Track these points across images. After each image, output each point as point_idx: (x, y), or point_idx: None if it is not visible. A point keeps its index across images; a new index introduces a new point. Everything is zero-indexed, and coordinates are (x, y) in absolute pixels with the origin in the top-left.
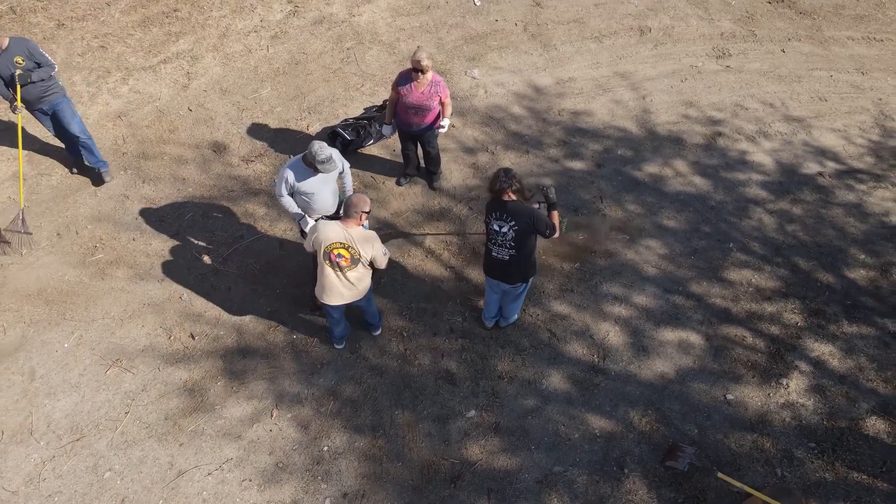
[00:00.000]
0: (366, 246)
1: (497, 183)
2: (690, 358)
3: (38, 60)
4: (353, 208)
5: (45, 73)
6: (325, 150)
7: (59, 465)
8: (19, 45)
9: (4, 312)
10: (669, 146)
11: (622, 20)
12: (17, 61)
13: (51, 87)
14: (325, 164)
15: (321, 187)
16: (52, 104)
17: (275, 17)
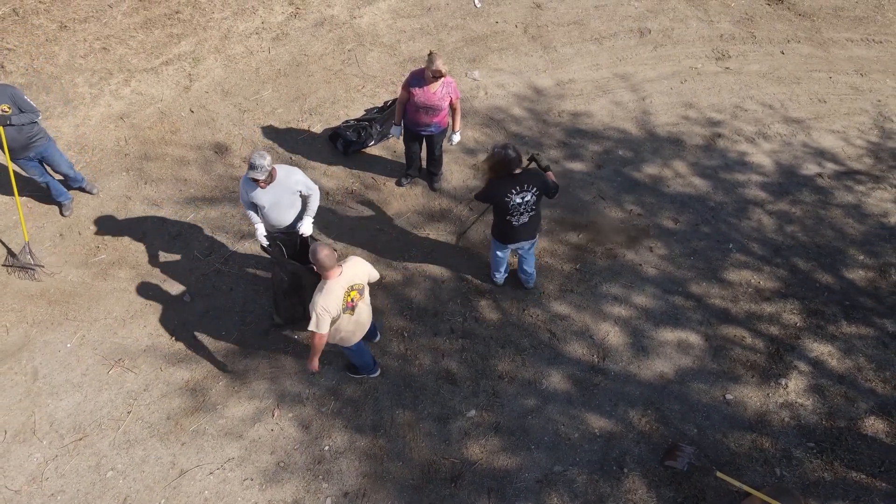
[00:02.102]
0: (362, 271)
1: (512, 164)
2: (690, 358)
3: (22, 107)
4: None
5: (26, 119)
6: (258, 159)
7: (62, 464)
8: (5, 93)
9: (7, 313)
10: (669, 147)
11: (622, 22)
12: (2, 108)
13: (37, 134)
14: (252, 171)
15: (272, 201)
16: (38, 151)
17: (276, 19)
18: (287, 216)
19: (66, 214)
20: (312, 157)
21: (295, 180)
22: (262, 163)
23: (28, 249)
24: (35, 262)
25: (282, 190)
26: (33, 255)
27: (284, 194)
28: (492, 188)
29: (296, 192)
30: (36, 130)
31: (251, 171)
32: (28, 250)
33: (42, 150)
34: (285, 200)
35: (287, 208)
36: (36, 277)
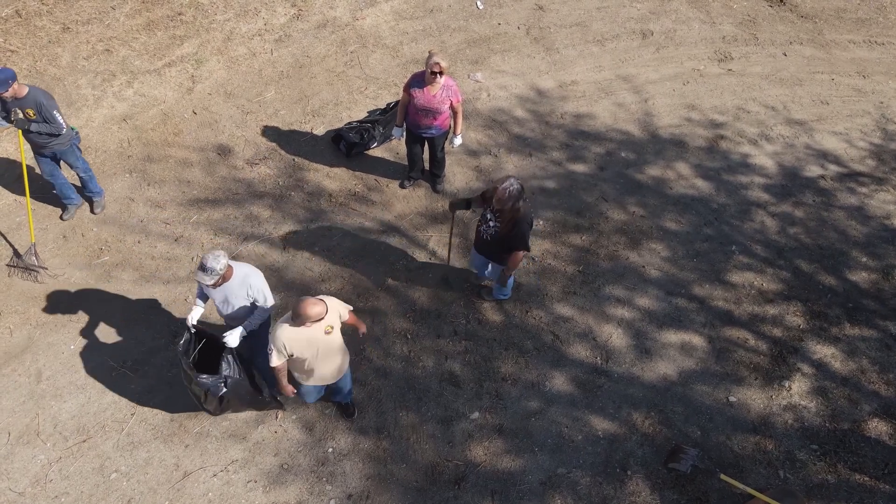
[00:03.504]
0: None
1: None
2: (693, 360)
3: (47, 119)
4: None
5: (45, 129)
6: (211, 261)
7: (66, 466)
8: (34, 98)
9: (11, 314)
10: (672, 149)
11: (624, 24)
12: (27, 112)
13: (56, 143)
14: (201, 272)
15: (222, 299)
16: (55, 152)
17: (278, 21)
18: (233, 312)
19: (65, 218)
20: (315, 158)
21: (250, 285)
22: (214, 266)
23: (33, 251)
24: (39, 263)
25: (234, 292)
26: (38, 257)
27: (236, 295)
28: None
29: (248, 297)
30: (54, 141)
31: (200, 272)
32: (33, 252)
33: (59, 152)
34: (234, 300)
35: (235, 306)
36: (39, 280)
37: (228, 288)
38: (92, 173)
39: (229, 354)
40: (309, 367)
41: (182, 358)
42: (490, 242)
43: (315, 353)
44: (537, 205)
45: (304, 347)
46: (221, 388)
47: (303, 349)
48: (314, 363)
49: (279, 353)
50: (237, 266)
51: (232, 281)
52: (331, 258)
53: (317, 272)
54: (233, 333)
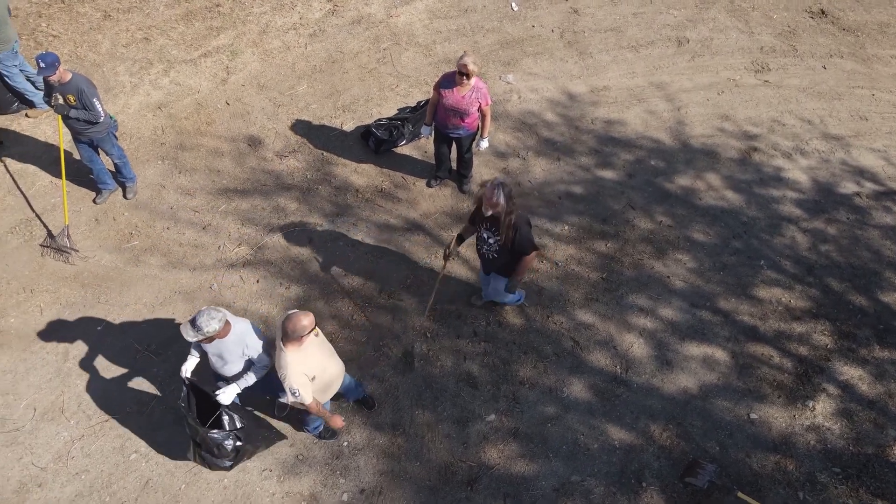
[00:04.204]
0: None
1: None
2: (715, 374)
3: (86, 106)
4: (302, 331)
5: (83, 116)
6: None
7: (88, 444)
8: (76, 85)
9: (42, 293)
10: (703, 159)
11: (660, 30)
12: (68, 98)
13: (93, 130)
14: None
15: (216, 352)
16: (92, 138)
17: (314, 16)
18: (227, 370)
19: (98, 202)
20: (344, 153)
21: (247, 344)
22: (204, 327)
23: (66, 233)
24: (71, 245)
25: (229, 349)
26: (70, 239)
27: (231, 353)
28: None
29: (244, 355)
30: (92, 128)
31: (188, 326)
32: (66, 233)
33: (96, 140)
34: (229, 357)
35: (229, 363)
36: (70, 261)
37: (223, 344)
38: (126, 160)
39: (226, 408)
40: (322, 381)
41: (188, 414)
42: (497, 259)
43: (325, 357)
44: (563, 209)
45: (316, 361)
46: (235, 441)
47: (315, 365)
48: (324, 373)
49: (304, 387)
50: (235, 322)
51: (228, 338)
52: (355, 253)
53: (340, 266)
54: (226, 391)
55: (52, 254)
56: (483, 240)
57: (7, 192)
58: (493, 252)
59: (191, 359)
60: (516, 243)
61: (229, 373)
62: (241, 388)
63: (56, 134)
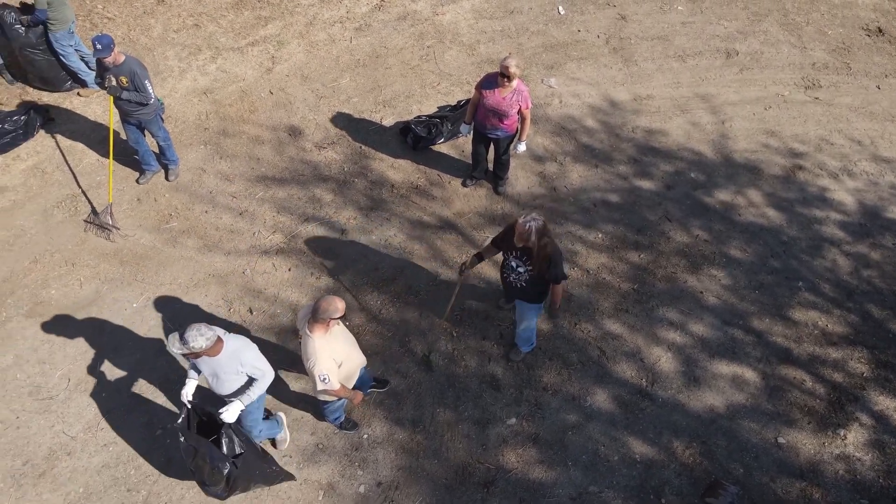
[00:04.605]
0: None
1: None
2: (744, 395)
3: (137, 87)
4: (321, 314)
5: (135, 97)
6: (191, 338)
7: (117, 417)
8: (129, 67)
9: (83, 267)
10: (745, 174)
11: (709, 41)
12: (121, 79)
13: (142, 112)
14: (178, 342)
15: (210, 372)
16: (139, 120)
17: (360, 10)
18: (225, 388)
19: (141, 182)
20: (381, 148)
21: (242, 361)
22: (190, 342)
23: (110, 210)
24: (113, 223)
25: (223, 367)
26: (113, 217)
27: (226, 371)
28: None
29: (240, 372)
30: (142, 110)
31: (176, 338)
32: (109, 211)
33: (144, 121)
34: (225, 376)
35: (225, 382)
36: (111, 238)
37: (217, 363)
38: (171, 142)
39: (229, 430)
40: (346, 369)
41: (185, 433)
42: (525, 288)
43: (349, 346)
44: (597, 217)
45: (342, 347)
46: (227, 466)
47: (341, 350)
48: (349, 361)
49: (333, 372)
50: (228, 340)
51: (220, 356)
52: (386, 248)
53: (371, 260)
54: (229, 409)
55: (94, 230)
56: (511, 268)
57: (56, 167)
58: (522, 281)
59: (190, 382)
60: (550, 276)
61: (225, 391)
62: (244, 405)
63: (106, 113)
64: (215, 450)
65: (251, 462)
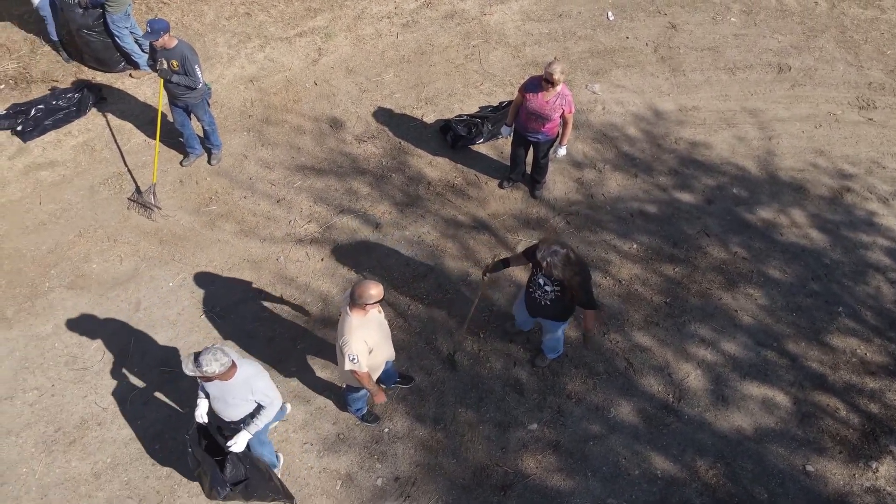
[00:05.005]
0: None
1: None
2: (773, 418)
3: (187, 71)
4: (368, 300)
5: (184, 81)
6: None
7: (146, 393)
8: (180, 51)
9: (124, 244)
10: (790, 193)
11: (761, 55)
12: (171, 63)
13: (190, 96)
14: (191, 363)
15: (217, 395)
16: (186, 104)
17: (409, 6)
18: (230, 413)
19: (184, 165)
20: (420, 145)
21: (254, 388)
22: (204, 366)
23: (153, 190)
24: (155, 202)
25: (234, 392)
26: (156, 197)
27: (235, 396)
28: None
29: (249, 399)
30: (190, 94)
31: (189, 360)
32: (153, 191)
33: (191, 105)
34: (233, 400)
35: (231, 406)
36: (153, 217)
37: (227, 386)
38: (215, 127)
39: (235, 456)
40: (374, 358)
41: (195, 446)
42: (549, 306)
43: (381, 337)
44: (633, 227)
45: (375, 333)
46: (225, 491)
47: (374, 336)
48: (378, 350)
49: (363, 355)
50: (242, 366)
51: (232, 381)
52: (419, 244)
53: (403, 256)
54: (238, 440)
55: (137, 208)
56: (538, 285)
57: (105, 145)
58: (548, 300)
59: (202, 402)
60: (583, 302)
61: (230, 417)
62: (251, 434)
63: (155, 96)
64: (217, 473)
65: (253, 487)
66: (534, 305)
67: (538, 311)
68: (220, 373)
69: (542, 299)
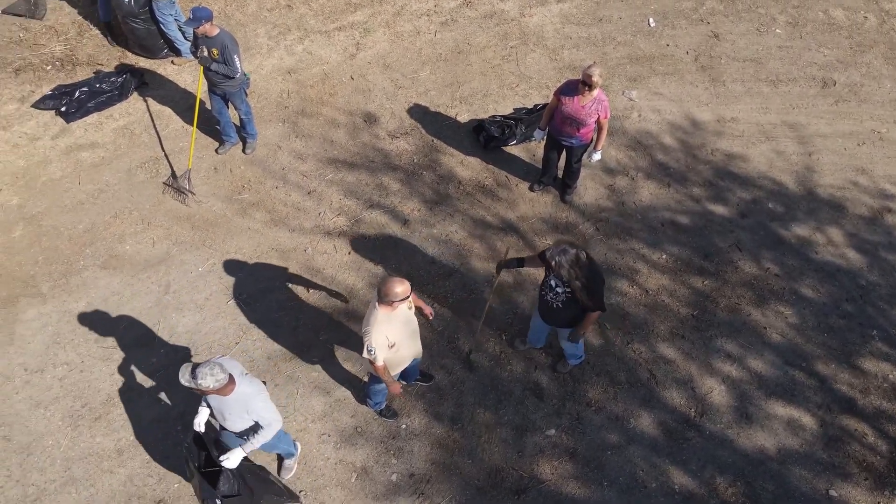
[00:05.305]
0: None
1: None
2: (798, 440)
3: (227, 60)
4: (394, 297)
5: (223, 70)
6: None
7: (171, 374)
8: (221, 40)
9: (157, 227)
10: (827, 211)
11: (805, 68)
12: (212, 51)
13: (228, 84)
14: (189, 375)
15: (217, 407)
16: (224, 92)
17: (448, 5)
18: (230, 425)
19: (220, 153)
20: (453, 144)
21: (249, 408)
22: (199, 379)
23: (188, 176)
24: (190, 188)
25: (230, 408)
26: (190, 182)
27: (232, 412)
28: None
29: (248, 419)
30: (228, 83)
31: (187, 371)
32: (188, 177)
33: (229, 93)
34: (230, 416)
35: (230, 419)
36: (186, 203)
37: (223, 401)
38: (252, 116)
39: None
40: (399, 353)
41: (191, 453)
42: (561, 310)
43: (407, 334)
44: (664, 237)
45: (400, 330)
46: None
47: (398, 333)
48: (403, 345)
49: (381, 349)
50: (241, 383)
51: (229, 397)
52: (446, 243)
53: (429, 254)
54: (231, 456)
55: (171, 193)
56: (550, 287)
57: (144, 129)
58: (559, 302)
59: (202, 411)
60: (588, 305)
61: (231, 428)
62: (246, 452)
63: (195, 83)
64: (207, 486)
65: (256, 498)
66: (546, 310)
67: (551, 315)
68: (214, 388)
69: (553, 301)
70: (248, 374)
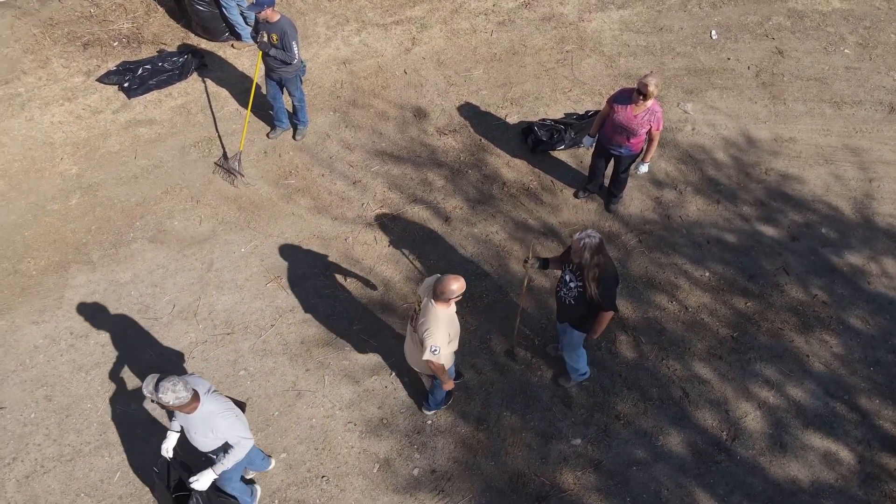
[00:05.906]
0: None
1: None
2: (833, 474)
3: (285, 46)
4: (451, 294)
5: (280, 55)
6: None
7: (207, 350)
8: (281, 26)
9: (205, 206)
10: (884, 241)
11: (872, 91)
12: (272, 37)
13: (284, 70)
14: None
15: (184, 425)
16: (280, 77)
17: (507, 5)
18: (198, 444)
19: (271, 137)
20: (500, 145)
21: (214, 427)
22: (159, 393)
23: (239, 158)
24: (239, 170)
25: (195, 426)
26: (240, 164)
27: (198, 431)
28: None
29: (214, 438)
30: (284, 69)
31: (150, 383)
32: (238, 158)
33: (284, 79)
34: (196, 435)
35: (197, 438)
36: (235, 184)
37: (189, 421)
38: (304, 104)
39: (198, 494)
40: (450, 349)
41: (158, 482)
42: (573, 306)
43: (456, 330)
44: (708, 255)
45: (455, 327)
46: None
47: (453, 330)
48: (455, 342)
49: (445, 346)
50: (206, 402)
51: (194, 415)
52: (485, 243)
53: (468, 252)
54: (201, 478)
55: (221, 173)
56: (564, 282)
57: (200, 109)
58: (571, 298)
59: (171, 435)
60: (596, 297)
61: (200, 447)
62: (217, 474)
63: (252, 67)
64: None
65: None
66: (560, 307)
67: (563, 312)
68: (175, 405)
69: (566, 297)
70: (216, 392)
